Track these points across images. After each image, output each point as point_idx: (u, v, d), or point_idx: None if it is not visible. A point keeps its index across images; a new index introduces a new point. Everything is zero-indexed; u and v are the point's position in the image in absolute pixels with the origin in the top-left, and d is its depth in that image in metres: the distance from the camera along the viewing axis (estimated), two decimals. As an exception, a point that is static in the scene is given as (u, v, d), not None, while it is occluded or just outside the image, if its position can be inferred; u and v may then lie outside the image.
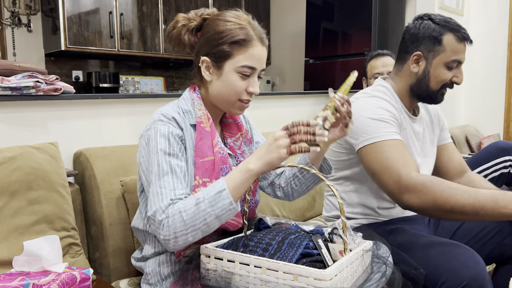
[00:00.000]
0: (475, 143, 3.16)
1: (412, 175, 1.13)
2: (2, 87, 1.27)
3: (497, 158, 1.65)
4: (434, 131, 1.48)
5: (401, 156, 1.18)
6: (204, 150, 1.04)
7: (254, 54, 1.03)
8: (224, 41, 1.03)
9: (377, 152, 1.21)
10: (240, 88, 1.04)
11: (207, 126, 1.07)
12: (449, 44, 1.27)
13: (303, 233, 0.98)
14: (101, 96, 1.53)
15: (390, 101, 1.33)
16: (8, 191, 1.13)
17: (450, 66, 1.29)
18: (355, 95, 1.40)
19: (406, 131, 1.34)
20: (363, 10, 3.27)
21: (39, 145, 1.26)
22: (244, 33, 1.03)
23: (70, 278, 0.98)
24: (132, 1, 3.74)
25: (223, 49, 1.03)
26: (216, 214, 0.90)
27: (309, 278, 0.79)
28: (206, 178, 1.03)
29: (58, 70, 3.74)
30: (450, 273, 1.04)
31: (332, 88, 1.05)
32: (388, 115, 1.26)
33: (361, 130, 1.25)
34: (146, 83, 4.26)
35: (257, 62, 1.04)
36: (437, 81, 1.30)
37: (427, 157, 1.43)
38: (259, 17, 4.74)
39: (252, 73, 1.05)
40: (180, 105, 1.10)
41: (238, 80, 1.04)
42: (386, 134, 1.23)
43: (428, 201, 1.10)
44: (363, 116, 1.25)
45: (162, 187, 0.95)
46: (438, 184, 1.10)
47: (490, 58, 3.44)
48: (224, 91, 1.06)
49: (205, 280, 0.93)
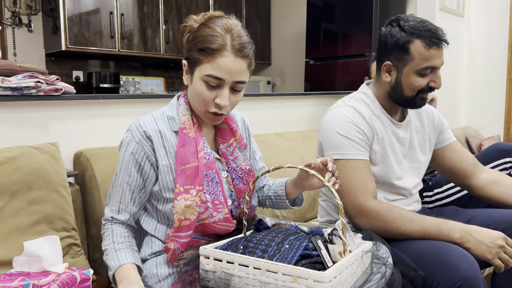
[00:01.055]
0: (476, 144, 3.16)
1: (368, 202, 1.22)
2: (3, 87, 1.27)
3: (497, 160, 1.65)
4: (426, 136, 1.45)
5: (361, 181, 1.24)
6: (185, 156, 1.04)
7: (221, 65, 0.98)
8: (195, 47, 1.01)
9: (341, 171, 1.25)
10: (206, 98, 1.01)
11: (191, 131, 1.06)
12: (417, 51, 1.24)
13: (302, 234, 0.98)
14: (102, 96, 1.53)
15: (367, 110, 1.33)
16: (9, 191, 1.13)
17: (422, 73, 1.26)
18: (336, 102, 1.41)
19: (384, 139, 1.33)
20: (364, 11, 3.27)
21: (39, 145, 1.26)
22: (215, 41, 0.98)
23: (70, 279, 0.98)
24: (133, 2, 3.75)
25: (193, 54, 1.02)
26: (106, 262, 1.06)
27: (309, 280, 0.80)
28: (188, 185, 1.02)
29: (58, 70, 3.74)
30: (443, 275, 1.05)
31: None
32: (356, 132, 1.27)
33: (330, 144, 1.29)
34: (146, 84, 4.26)
35: (225, 73, 0.98)
36: (411, 88, 1.29)
37: (415, 162, 1.42)
38: (259, 18, 4.74)
39: (220, 84, 1.00)
40: (165, 112, 1.10)
41: (204, 90, 1.01)
42: (350, 153, 1.26)
43: (380, 227, 1.20)
44: (333, 129, 1.29)
45: (112, 197, 1.10)
46: (390, 212, 1.20)
47: (490, 60, 3.44)
48: (194, 98, 1.05)
49: (204, 281, 0.93)
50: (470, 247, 1.12)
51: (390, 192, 1.37)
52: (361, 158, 1.26)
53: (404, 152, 1.39)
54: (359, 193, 1.22)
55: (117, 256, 1.03)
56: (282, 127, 2.24)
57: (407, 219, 1.19)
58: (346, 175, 1.24)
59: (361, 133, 1.28)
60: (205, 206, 1.04)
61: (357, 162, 1.26)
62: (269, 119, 2.18)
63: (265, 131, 2.13)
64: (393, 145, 1.36)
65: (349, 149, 1.26)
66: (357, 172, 1.24)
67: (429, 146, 1.47)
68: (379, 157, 1.33)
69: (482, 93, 3.51)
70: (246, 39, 1.03)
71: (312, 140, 2.17)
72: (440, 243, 1.13)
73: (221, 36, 0.99)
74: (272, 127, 2.19)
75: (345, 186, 1.24)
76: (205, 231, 1.07)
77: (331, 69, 3.54)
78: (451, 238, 1.14)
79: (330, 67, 3.55)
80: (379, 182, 1.34)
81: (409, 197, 1.41)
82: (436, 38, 1.23)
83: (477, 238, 1.13)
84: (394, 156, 1.36)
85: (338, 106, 1.36)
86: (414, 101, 1.31)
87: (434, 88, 1.29)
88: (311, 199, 1.98)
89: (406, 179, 1.39)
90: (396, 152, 1.36)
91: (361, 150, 1.27)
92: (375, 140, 1.32)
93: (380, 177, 1.34)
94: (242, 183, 1.13)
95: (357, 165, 1.25)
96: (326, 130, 1.31)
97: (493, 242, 1.11)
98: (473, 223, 1.31)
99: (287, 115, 2.29)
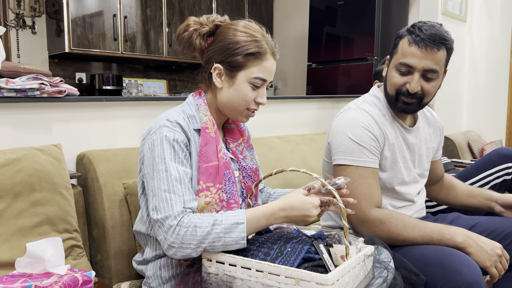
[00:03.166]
0: (477, 149, 3.15)
1: (372, 211, 1.22)
2: (7, 89, 1.27)
3: (499, 165, 1.65)
4: (430, 146, 1.46)
5: (368, 190, 1.23)
6: (208, 155, 1.05)
7: (266, 67, 1.08)
8: (239, 52, 1.06)
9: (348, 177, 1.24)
10: (250, 98, 1.08)
11: (212, 131, 1.08)
12: (401, 46, 1.25)
13: (304, 238, 0.98)
14: (105, 98, 1.53)
15: (379, 114, 1.32)
16: (11, 192, 1.13)
17: (399, 69, 1.25)
18: (348, 104, 1.39)
19: (394, 145, 1.33)
20: (366, 15, 3.28)
21: (42, 147, 1.26)
22: (258, 45, 1.07)
23: (72, 280, 0.98)
24: (136, 4, 3.76)
25: (238, 59, 1.06)
26: (225, 241, 0.93)
27: (311, 282, 0.80)
28: (209, 183, 1.04)
29: (61, 72, 3.75)
30: (445, 280, 1.04)
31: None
32: (369, 138, 1.26)
33: (340, 148, 1.28)
34: (149, 86, 4.27)
35: (268, 75, 1.09)
36: (390, 85, 1.29)
37: (422, 169, 1.42)
38: (262, 21, 4.75)
39: (262, 84, 1.09)
40: (185, 110, 1.10)
41: (249, 91, 1.08)
42: (360, 160, 1.25)
43: (382, 235, 1.21)
44: (345, 134, 1.27)
45: (171, 192, 0.97)
46: (393, 220, 1.21)
47: (492, 64, 3.44)
48: (235, 99, 1.08)
49: (206, 284, 0.94)
50: (472, 252, 1.12)
51: (397, 198, 1.36)
52: (371, 166, 1.25)
53: (413, 158, 1.38)
54: (364, 202, 1.22)
55: (231, 213, 0.96)
56: (284, 130, 2.24)
57: (410, 225, 1.19)
58: (353, 183, 1.23)
59: (373, 139, 1.26)
60: (221, 204, 1.05)
61: (366, 170, 1.24)
62: (271, 123, 2.19)
63: (267, 134, 2.14)
64: (403, 150, 1.35)
65: (359, 155, 1.25)
66: (364, 180, 1.24)
67: (431, 155, 1.48)
68: (389, 163, 1.32)
69: (484, 98, 3.51)
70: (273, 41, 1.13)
71: (314, 143, 2.17)
72: (442, 248, 1.13)
73: (263, 40, 1.08)
74: (274, 131, 2.19)
75: (352, 194, 1.22)
76: None
77: (333, 73, 3.55)
78: (453, 242, 1.14)
79: (332, 71, 3.56)
80: (386, 188, 1.33)
81: (415, 203, 1.40)
82: (419, 38, 1.20)
83: (479, 244, 1.13)
84: (404, 162, 1.35)
85: (350, 109, 1.34)
86: (396, 103, 1.29)
87: (408, 90, 1.24)
88: (312, 203, 1.98)
89: (413, 185, 1.38)
90: (406, 158, 1.35)
91: (371, 158, 1.26)
92: (386, 146, 1.31)
93: (388, 183, 1.32)
94: (251, 181, 1.16)
95: (365, 173, 1.24)
96: (337, 133, 1.29)
97: (493, 250, 1.12)
98: (476, 229, 1.31)
99: (289, 118, 2.29)
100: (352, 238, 1.00)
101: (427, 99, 1.28)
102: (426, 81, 1.24)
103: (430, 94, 1.27)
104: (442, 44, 1.21)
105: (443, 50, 1.22)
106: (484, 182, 1.66)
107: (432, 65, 1.21)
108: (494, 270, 1.12)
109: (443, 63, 1.25)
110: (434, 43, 1.20)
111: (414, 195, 1.38)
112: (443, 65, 1.25)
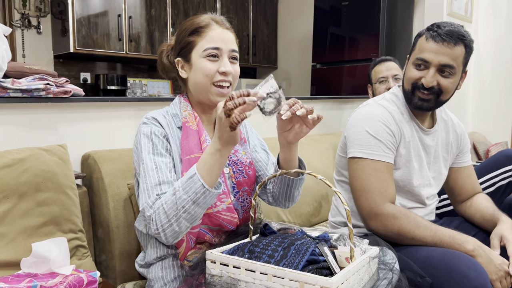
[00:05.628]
0: (483, 150, 3.14)
1: (385, 206, 1.21)
2: (13, 89, 1.28)
3: (505, 166, 1.63)
4: (449, 150, 1.44)
5: (383, 184, 1.23)
6: (190, 147, 1.07)
7: (213, 36, 1.07)
8: (185, 34, 1.10)
9: (363, 171, 1.25)
10: (210, 70, 1.07)
11: (193, 124, 1.11)
12: (419, 43, 1.28)
13: (309, 239, 0.98)
14: (110, 99, 1.54)
15: (397, 112, 1.32)
16: (17, 192, 1.14)
17: (416, 64, 1.27)
18: (367, 101, 1.41)
19: (410, 144, 1.32)
20: (371, 15, 3.27)
21: (48, 147, 1.27)
22: (198, 22, 1.09)
23: (77, 281, 0.99)
24: (141, 4, 3.77)
25: (185, 42, 1.10)
26: (192, 199, 0.92)
27: (316, 285, 0.79)
28: None
29: (66, 72, 3.77)
30: (451, 283, 1.04)
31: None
32: (385, 133, 1.26)
33: (356, 141, 1.28)
34: (153, 86, 4.28)
35: (219, 42, 1.07)
36: (406, 79, 1.31)
37: (437, 172, 1.41)
38: (266, 21, 4.75)
39: (219, 53, 1.07)
40: (168, 110, 1.15)
41: (206, 64, 1.07)
42: (375, 154, 1.25)
43: (393, 231, 1.20)
44: (362, 127, 1.28)
45: (148, 183, 1.00)
46: (405, 217, 1.20)
47: (498, 65, 3.42)
48: (198, 79, 1.09)
49: (210, 286, 0.93)
50: (480, 262, 1.11)
51: (409, 199, 1.36)
52: (386, 161, 1.25)
53: (429, 160, 1.38)
54: (378, 196, 1.22)
55: (182, 178, 0.96)
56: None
57: (421, 224, 1.19)
58: (368, 176, 1.23)
59: (390, 134, 1.27)
60: None
61: (381, 164, 1.25)
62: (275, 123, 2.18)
63: (270, 135, 2.13)
64: (419, 150, 1.35)
65: (375, 149, 1.25)
66: (379, 174, 1.23)
67: (450, 161, 1.46)
68: (403, 161, 1.32)
69: (489, 99, 3.49)
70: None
71: (318, 144, 2.17)
72: (449, 250, 1.13)
73: (205, 16, 1.11)
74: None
75: (366, 187, 1.23)
76: (210, 222, 1.08)
77: (338, 73, 3.54)
78: (463, 248, 1.14)
79: (337, 71, 3.55)
80: (399, 186, 1.33)
81: (426, 207, 1.39)
82: (437, 33, 1.22)
83: (489, 255, 1.13)
84: (418, 162, 1.34)
85: (369, 105, 1.35)
86: (412, 98, 1.30)
87: (423, 84, 1.25)
88: (317, 204, 1.98)
89: (426, 187, 1.37)
90: (421, 158, 1.35)
91: (387, 153, 1.26)
92: (402, 143, 1.31)
93: (401, 181, 1.32)
94: (242, 176, 1.14)
95: (380, 167, 1.24)
96: (355, 127, 1.30)
97: (501, 265, 1.12)
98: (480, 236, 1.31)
99: (293, 119, 2.28)
100: (356, 240, 1.00)
101: (444, 96, 1.28)
102: (443, 76, 1.25)
103: (447, 91, 1.27)
104: (460, 39, 1.21)
105: (461, 46, 1.22)
106: (489, 184, 1.65)
107: (449, 61, 1.22)
108: (498, 284, 1.11)
109: (460, 60, 1.24)
110: (451, 38, 1.21)
111: (426, 197, 1.37)
112: (460, 63, 1.25)
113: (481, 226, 1.38)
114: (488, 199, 1.43)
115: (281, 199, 1.18)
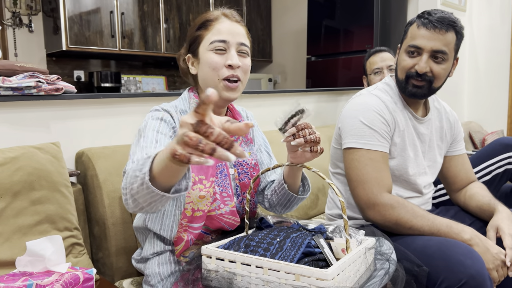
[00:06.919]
0: (479, 139, 3.14)
1: (383, 195, 1.22)
2: (4, 87, 1.27)
3: (501, 154, 1.64)
4: (443, 139, 1.44)
5: (379, 174, 1.23)
6: None
7: (221, 29, 1.05)
8: (194, 29, 1.09)
9: (359, 162, 1.24)
10: (218, 64, 1.03)
11: None
12: (411, 30, 1.28)
13: (305, 232, 0.98)
14: (103, 95, 1.52)
15: (390, 101, 1.32)
16: (11, 191, 1.13)
17: (409, 51, 1.27)
18: (360, 91, 1.41)
19: (404, 132, 1.33)
20: (365, 7, 3.25)
21: (41, 145, 1.26)
22: (206, 17, 1.08)
23: (73, 278, 0.98)
24: (133, 0, 3.74)
25: (194, 36, 1.08)
26: (141, 179, 0.75)
27: (311, 278, 0.79)
28: (202, 175, 1.04)
29: (59, 70, 3.74)
30: (448, 272, 1.04)
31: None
32: (380, 123, 1.26)
33: (351, 131, 1.28)
34: (147, 83, 4.26)
35: (226, 35, 1.04)
36: (400, 69, 1.31)
37: (432, 161, 1.41)
38: (260, 15, 4.72)
39: (226, 47, 1.04)
40: (177, 105, 1.12)
41: (213, 57, 1.04)
42: (371, 144, 1.25)
43: (391, 220, 1.21)
44: (356, 118, 1.28)
45: (138, 145, 0.96)
46: (403, 207, 1.20)
47: (493, 54, 3.42)
48: (206, 74, 1.06)
49: (206, 280, 0.93)
50: (477, 251, 1.11)
51: (405, 188, 1.36)
52: (381, 150, 1.26)
53: (424, 148, 1.38)
54: (375, 186, 1.22)
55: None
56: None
57: (419, 214, 1.20)
58: (364, 166, 1.23)
59: (384, 124, 1.27)
60: (213, 197, 1.05)
61: (377, 153, 1.25)
62: (271, 116, 2.17)
63: (266, 128, 2.13)
64: (413, 139, 1.35)
65: (370, 139, 1.25)
66: (375, 164, 1.24)
67: (444, 149, 1.46)
68: (398, 150, 1.32)
69: (485, 88, 3.49)
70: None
71: (314, 137, 2.16)
72: (446, 239, 1.13)
73: (214, 11, 1.09)
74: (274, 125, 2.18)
75: (363, 177, 1.23)
76: (210, 224, 1.08)
77: (333, 66, 3.53)
78: (460, 237, 1.14)
79: (332, 64, 3.54)
80: (395, 176, 1.33)
81: (422, 196, 1.39)
82: (428, 20, 1.23)
83: (485, 245, 1.13)
84: (414, 151, 1.35)
85: (362, 95, 1.35)
86: (406, 86, 1.30)
87: (416, 71, 1.26)
88: (313, 196, 1.98)
89: (422, 176, 1.37)
90: (416, 146, 1.35)
91: (382, 142, 1.26)
92: (396, 132, 1.31)
93: (396, 170, 1.32)
94: (247, 178, 1.14)
95: (376, 157, 1.24)
96: (349, 117, 1.30)
97: (498, 255, 1.12)
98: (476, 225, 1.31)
99: (288, 112, 2.28)
100: (352, 231, 1.00)
101: (437, 83, 1.29)
102: (435, 62, 1.25)
103: (440, 77, 1.27)
104: (451, 26, 1.23)
105: (452, 32, 1.24)
106: (486, 172, 1.65)
107: (441, 46, 1.23)
108: (495, 273, 1.11)
109: (452, 46, 1.25)
110: (442, 25, 1.22)
111: (422, 186, 1.37)
112: (452, 49, 1.26)
113: (478, 215, 1.38)
114: (484, 188, 1.43)
115: (278, 207, 1.20)
